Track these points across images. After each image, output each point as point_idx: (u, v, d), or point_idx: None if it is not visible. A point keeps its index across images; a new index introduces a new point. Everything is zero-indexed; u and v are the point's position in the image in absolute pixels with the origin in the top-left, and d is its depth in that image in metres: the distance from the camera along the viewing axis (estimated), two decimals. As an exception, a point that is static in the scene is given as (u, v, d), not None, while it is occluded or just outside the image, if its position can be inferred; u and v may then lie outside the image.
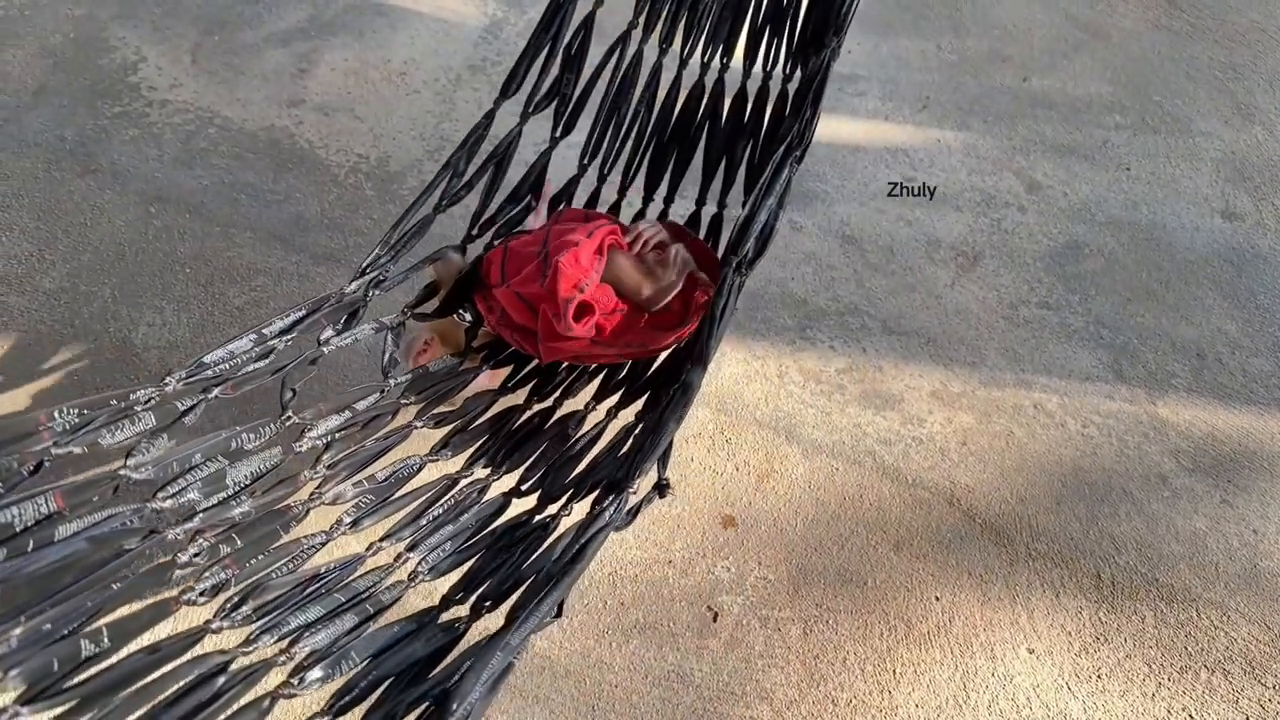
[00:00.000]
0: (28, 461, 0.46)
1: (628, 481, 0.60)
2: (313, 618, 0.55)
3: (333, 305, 0.72)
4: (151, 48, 1.35)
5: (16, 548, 0.43)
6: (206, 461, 0.56)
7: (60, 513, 0.46)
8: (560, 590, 0.52)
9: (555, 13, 0.84)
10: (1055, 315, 1.13)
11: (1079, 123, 1.33)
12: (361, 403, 0.68)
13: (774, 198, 0.74)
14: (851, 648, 0.88)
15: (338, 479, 0.65)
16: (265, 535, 0.58)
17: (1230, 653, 0.89)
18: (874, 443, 1.01)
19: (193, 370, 0.59)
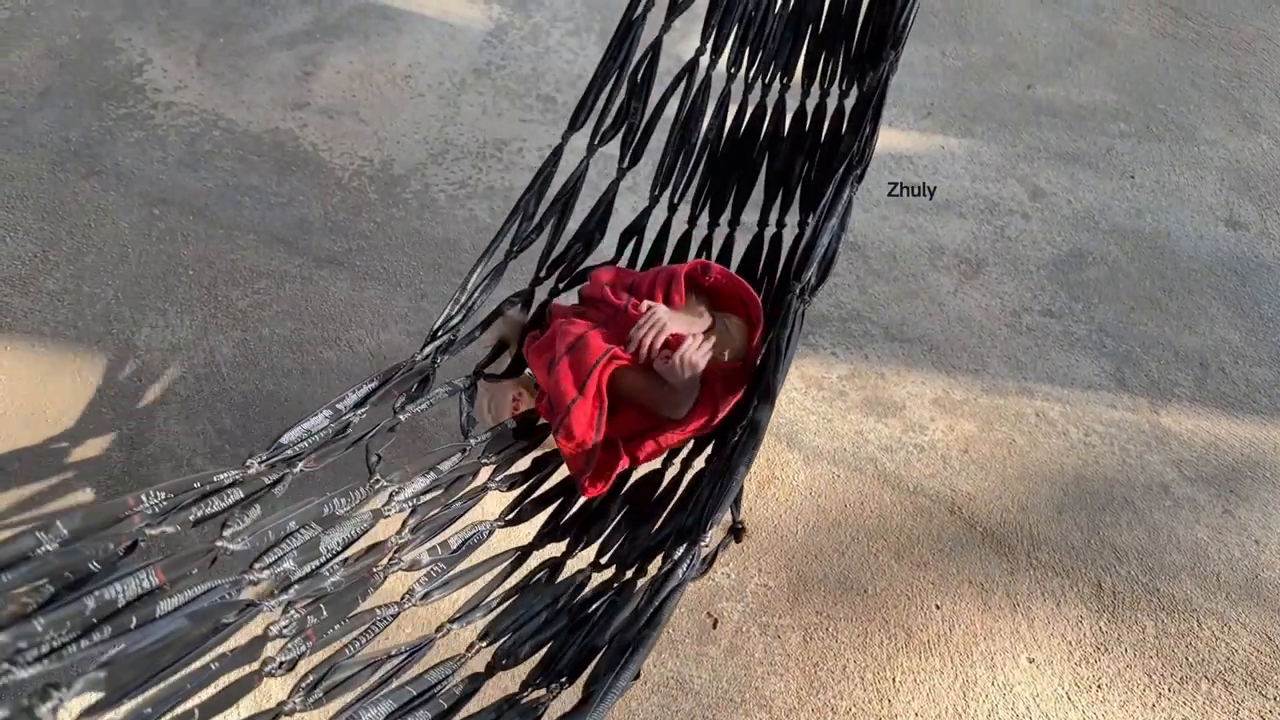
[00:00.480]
0: (122, 542, 0.46)
1: (700, 532, 0.58)
2: (385, 713, 0.55)
3: (403, 374, 0.71)
4: (157, 50, 1.35)
5: (121, 625, 0.43)
6: (301, 529, 0.55)
7: (161, 587, 0.46)
8: (640, 658, 0.51)
9: (624, 38, 0.81)
10: (1058, 323, 1.12)
11: (1083, 130, 1.33)
12: (445, 464, 0.67)
13: (835, 219, 0.71)
14: (851, 655, 0.87)
15: (416, 543, 0.64)
16: (347, 604, 0.57)
17: (1231, 664, 0.88)
18: (875, 450, 1.01)
19: (272, 451, 0.59)
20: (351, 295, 1.10)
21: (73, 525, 0.44)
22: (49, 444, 0.96)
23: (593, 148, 0.84)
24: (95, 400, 1.00)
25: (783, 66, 0.95)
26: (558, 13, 1.45)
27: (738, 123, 0.95)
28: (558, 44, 1.40)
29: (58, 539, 0.44)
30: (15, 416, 0.98)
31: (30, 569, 0.42)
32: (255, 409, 1.00)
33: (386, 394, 0.70)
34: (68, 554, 0.43)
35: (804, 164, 0.94)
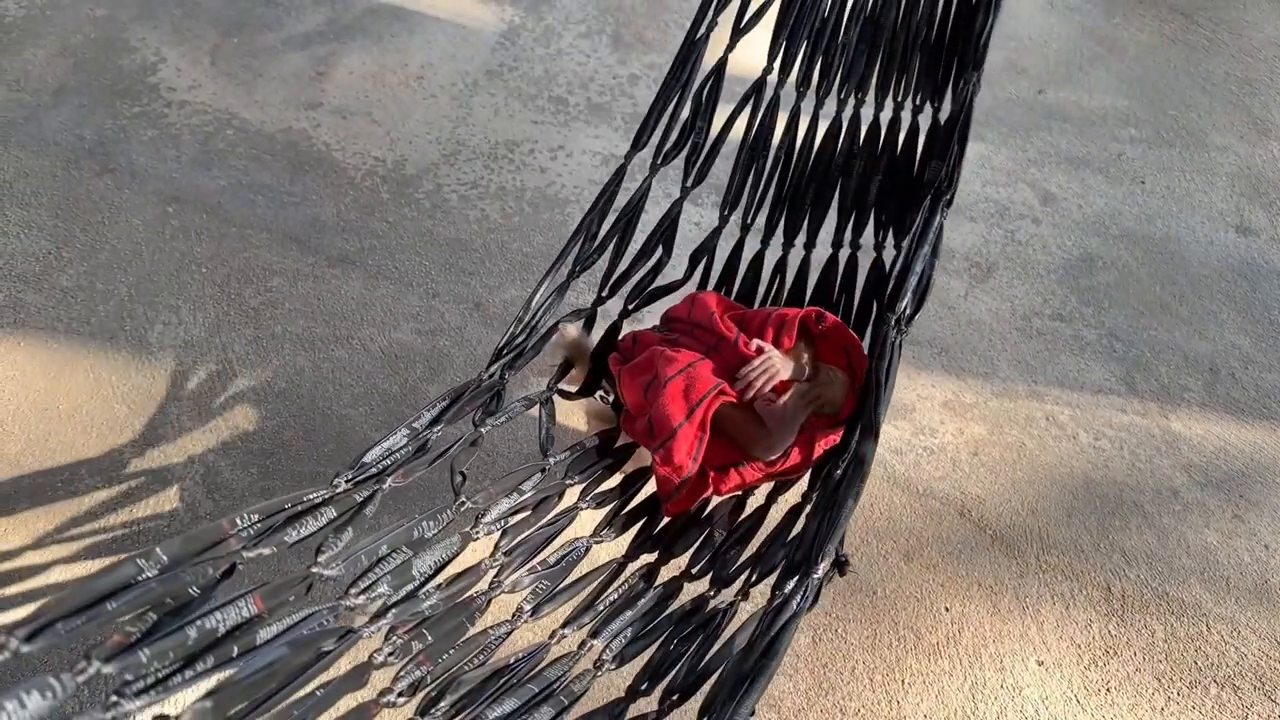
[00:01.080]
0: (221, 566, 0.47)
1: (812, 565, 0.58)
2: (509, 710, 0.56)
3: (474, 391, 0.71)
4: (171, 49, 1.36)
5: (223, 654, 0.44)
6: (393, 553, 0.56)
7: (260, 615, 0.46)
8: (757, 691, 0.51)
9: (686, 58, 0.80)
10: (1068, 327, 1.13)
11: (1094, 135, 1.33)
12: (527, 483, 0.68)
13: (928, 246, 0.70)
14: (860, 657, 0.88)
15: (514, 566, 0.65)
16: (454, 629, 0.58)
17: (1240, 668, 0.88)
18: (885, 452, 1.01)
19: (356, 471, 0.59)
20: (363, 294, 1.10)
21: (172, 551, 0.45)
22: (62, 440, 0.97)
23: (655, 166, 0.83)
24: (108, 396, 1.00)
25: (856, 83, 0.93)
26: (570, 15, 1.45)
27: (809, 141, 0.93)
28: (570, 46, 1.41)
29: (157, 565, 0.44)
30: (29, 412, 0.98)
31: (133, 597, 0.42)
32: (267, 406, 1.00)
33: (460, 411, 0.70)
34: (168, 580, 0.44)
35: (880, 182, 0.92)
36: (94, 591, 0.41)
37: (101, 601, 0.41)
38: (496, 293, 1.11)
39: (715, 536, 0.75)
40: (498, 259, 1.15)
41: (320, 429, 0.98)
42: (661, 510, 0.77)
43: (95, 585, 0.41)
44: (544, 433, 0.75)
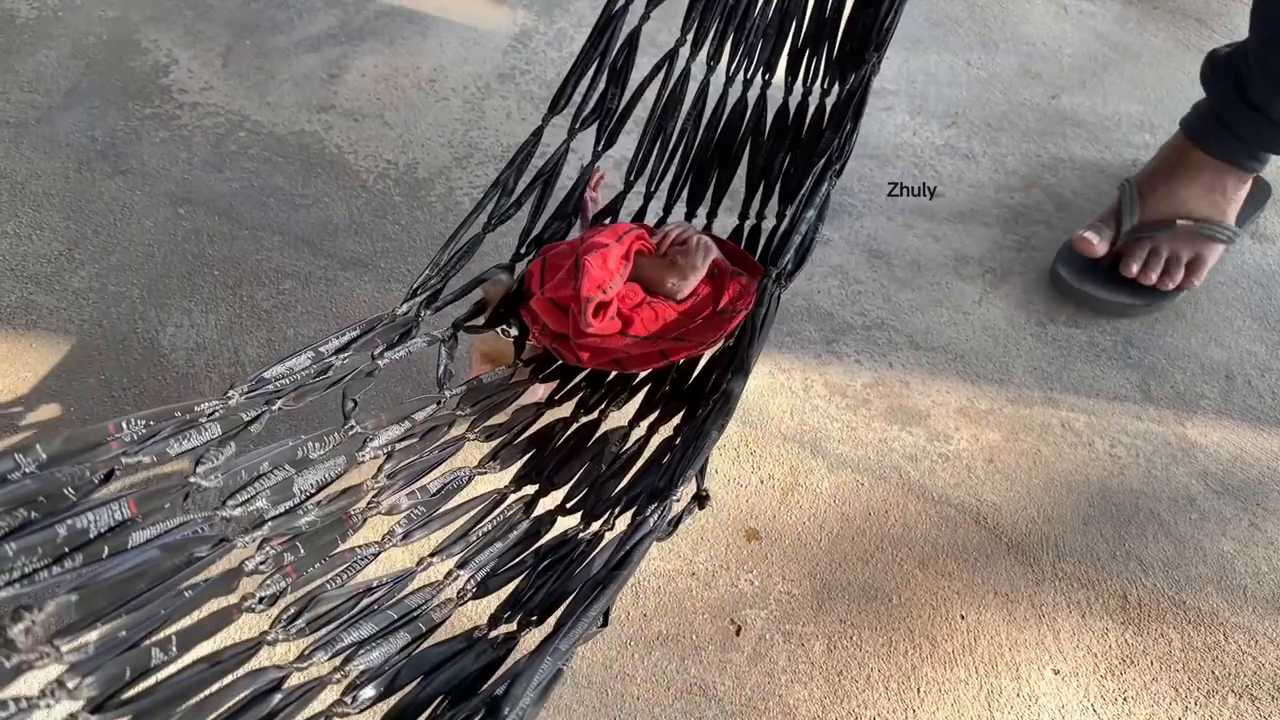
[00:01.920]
0: (99, 470, 0.46)
1: (671, 489, 0.59)
2: (366, 635, 0.55)
3: (386, 325, 0.72)
4: (183, 50, 1.36)
5: (92, 554, 0.43)
6: (274, 470, 0.55)
7: (133, 519, 0.45)
8: (606, 597, 0.52)
9: (605, 29, 0.84)
10: (1083, 333, 1.12)
11: (1108, 141, 1.33)
12: (420, 413, 0.68)
13: (813, 210, 0.73)
14: (875, 664, 0.87)
15: (394, 489, 0.65)
16: (326, 544, 0.58)
17: (1258, 678, 0.88)
18: (900, 458, 1.00)
19: (254, 385, 0.59)
20: (375, 297, 1.10)
21: (51, 449, 0.44)
22: (74, 441, 0.97)
23: (573, 131, 0.87)
24: (119, 399, 1.00)
25: (765, 63, 0.98)
26: (582, 18, 1.45)
27: (717, 115, 0.97)
28: (582, 49, 1.40)
29: (35, 461, 0.43)
30: (39, 416, 0.98)
31: (7, 493, 0.42)
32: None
33: (368, 341, 0.71)
34: (43, 479, 0.43)
35: (785, 159, 0.96)
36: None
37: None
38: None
39: (596, 469, 0.77)
40: (510, 262, 1.14)
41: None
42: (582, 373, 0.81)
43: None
44: (442, 369, 0.76)
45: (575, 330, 0.81)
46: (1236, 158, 1.08)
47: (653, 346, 0.82)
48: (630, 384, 0.86)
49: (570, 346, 0.82)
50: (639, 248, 0.84)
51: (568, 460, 0.76)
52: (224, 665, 0.49)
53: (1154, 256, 1.09)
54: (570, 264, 0.81)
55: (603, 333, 0.80)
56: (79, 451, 0.46)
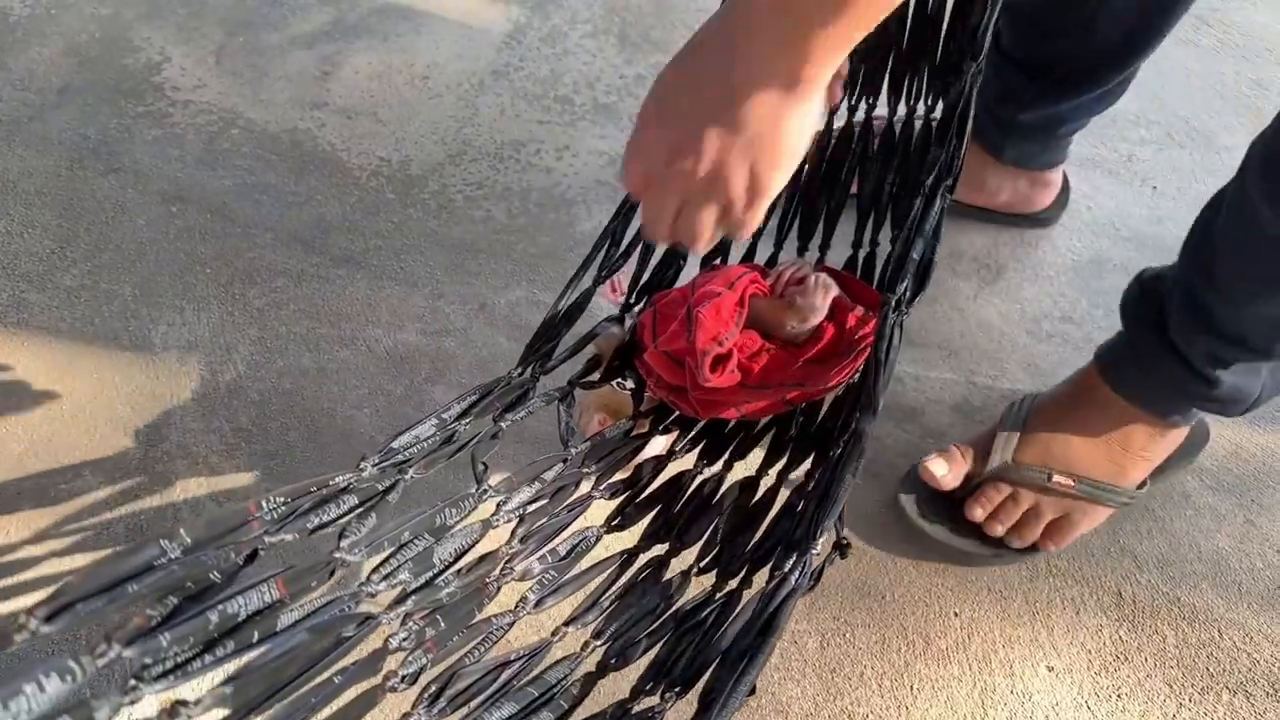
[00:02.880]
0: (243, 551, 0.46)
1: (810, 541, 0.57)
2: (508, 714, 0.55)
3: (503, 388, 0.71)
4: (176, 48, 1.35)
5: (243, 639, 0.43)
6: (415, 540, 0.55)
7: (282, 600, 0.45)
8: (756, 667, 0.50)
9: None
10: (1078, 330, 1.12)
11: (1104, 137, 1.33)
12: (549, 473, 0.67)
13: (928, 229, 0.70)
14: (869, 662, 0.87)
15: (526, 553, 0.64)
16: (464, 615, 0.57)
17: (1253, 674, 0.88)
18: (894, 455, 1.00)
19: (384, 455, 0.58)
20: (369, 295, 1.10)
21: (195, 533, 0.44)
22: (65, 440, 0.96)
23: None
24: (111, 397, 1.00)
25: (869, 83, 0.93)
26: (576, 14, 1.45)
27: (823, 145, 0.93)
28: (576, 46, 1.40)
29: (180, 547, 0.43)
30: (32, 413, 0.98)
31: (154, 580, 0.41)
32: (272, 407, 1.00)
33: (488, 405, 0.70)
34: (190, 564, 0.43)
35: (895, 181, 0.92)
36: (115, 573, 0.40)
37: (123, 583, 0.40)
38: (502, 294, 1.10)
39: (726, 524, 0.75)
40: (503, 260, 1.14)
41: (325, 430, 0.98)
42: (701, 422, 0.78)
43: (117, 566, 0.40)
44: (564, 426, 0.74)
45: (693, 384, 0.78)
46: (1151, 405, 0.87)
47: (775, 395, 0.79)
48: (754, 430, 0.83)
49: (688, 400, 0.79)
50: (753, 291, 0.80)
51: (696, 518, 0.74)
52: None
53: (1008, 506, 0.90)
54: (683, 315, 0.78)
55: (722, 385, 0.77)
56: (222, 534, 0.46)
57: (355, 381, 1.02)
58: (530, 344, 0.78)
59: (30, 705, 0.33)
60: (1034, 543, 0.91)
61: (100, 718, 0.36)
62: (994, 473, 0.91)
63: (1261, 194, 0.71)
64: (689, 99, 0.55)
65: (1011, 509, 0.90)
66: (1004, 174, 1.16)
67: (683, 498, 0.77)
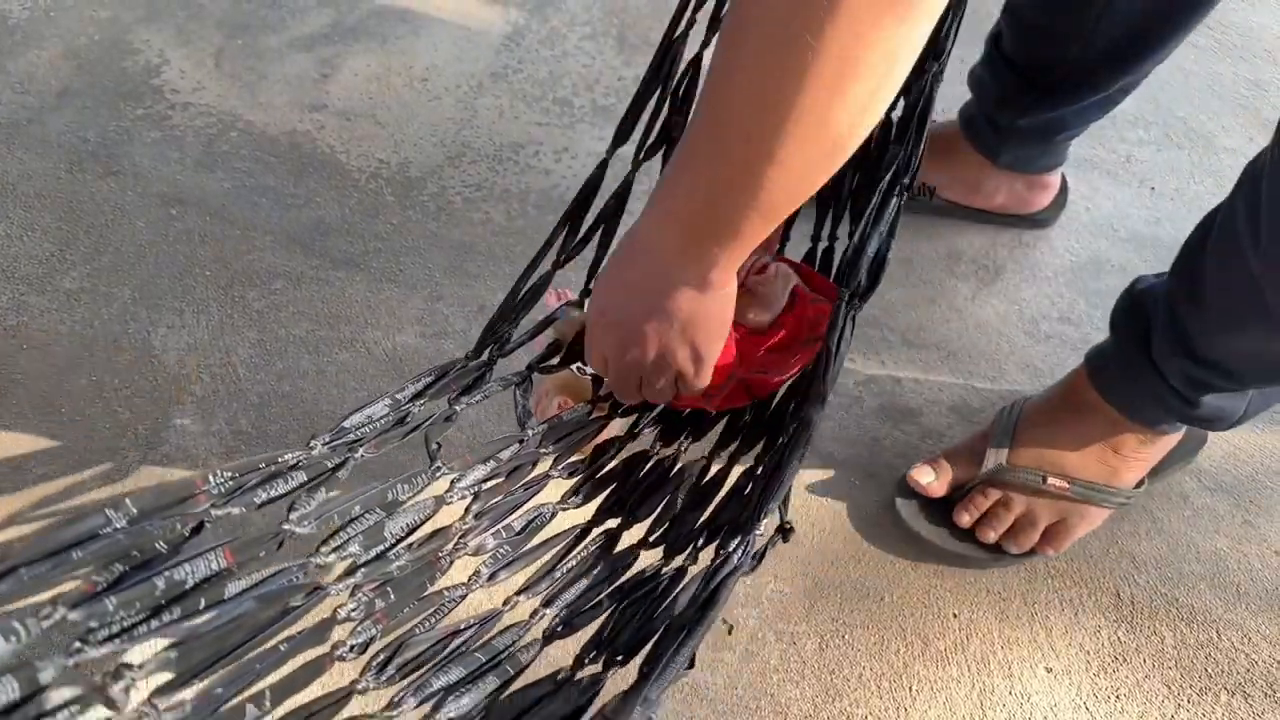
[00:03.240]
0: (189, 523, 0.46)
1: (754, 523, 0.58)
2: (455, 679, 0.55)
3: (459, 371, 0.71)
4: (175, 51, 1.36)
5: (189, 606, 0.43)
6: (366, 514, 0.55)
7: (229, 569, 0.46)
8: (694, 639, 0.51)
9: (666, 54, 0.81)
10: (1076, 330, 1.12)
11: (1102, 138, 1.33)
12: (504, 453, 0.67)
13: (884, 224, 0.72)
14: (868, 663, 0.87)
15: (480, 529, 0.64)
16: (415, 588, 0.58)
17: (1251, 675, 0.88)
18: (892, 456, 1.00)
19: (335, 434, 0.58)
20: (368, 297, 1.10)
21: (141, 504, 0.44)
22: (64, 442, 0.96)
23: (638, 162, 0.82)
24: (110, 399, 1.00)
25: None
26: (575, 17, 1.45)
27: None
28: (574, 48, 1.40)
29: (126, 516, 0.43)
30: (31, 416, 0.98)
31: (99, 548, 0.42)
32: (271, 409, 1.00)
33: (443, 388, 0.70)
34: (135, 533, 0.43)
35: (853, 177, 0.93)
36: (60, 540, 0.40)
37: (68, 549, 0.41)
38: (501, 295, 1.10)
39: (677, 501, 0.75)
40: (502, 262, 1.14)
41: (324, 432, 0.98)
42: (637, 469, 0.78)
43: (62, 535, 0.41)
44: (520, 408, 0.74)
45: None
46: (1138, 415, 0.87)
47: (734, 383, 0.79)
48: (709, 417, 0.84)
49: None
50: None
51: (649, 494, 0.75)
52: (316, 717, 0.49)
53: (999, 511, 0.90)
54: None
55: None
56: (168, 505, 0.46)
57: (354, 384, 1.02)
58: (487, 327, 0.78)
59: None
60: (1029, 550, 0.91)
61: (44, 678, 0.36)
62: (987, 476, 0.91)
63: (1247, 229, 0.70)
64: (625, 299, 0.64)
65: (1003, 514, 0.90)
66: (1000, 177, 1.16)
67: (637, 475, 0.77)
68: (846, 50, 0.43)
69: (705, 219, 0.55)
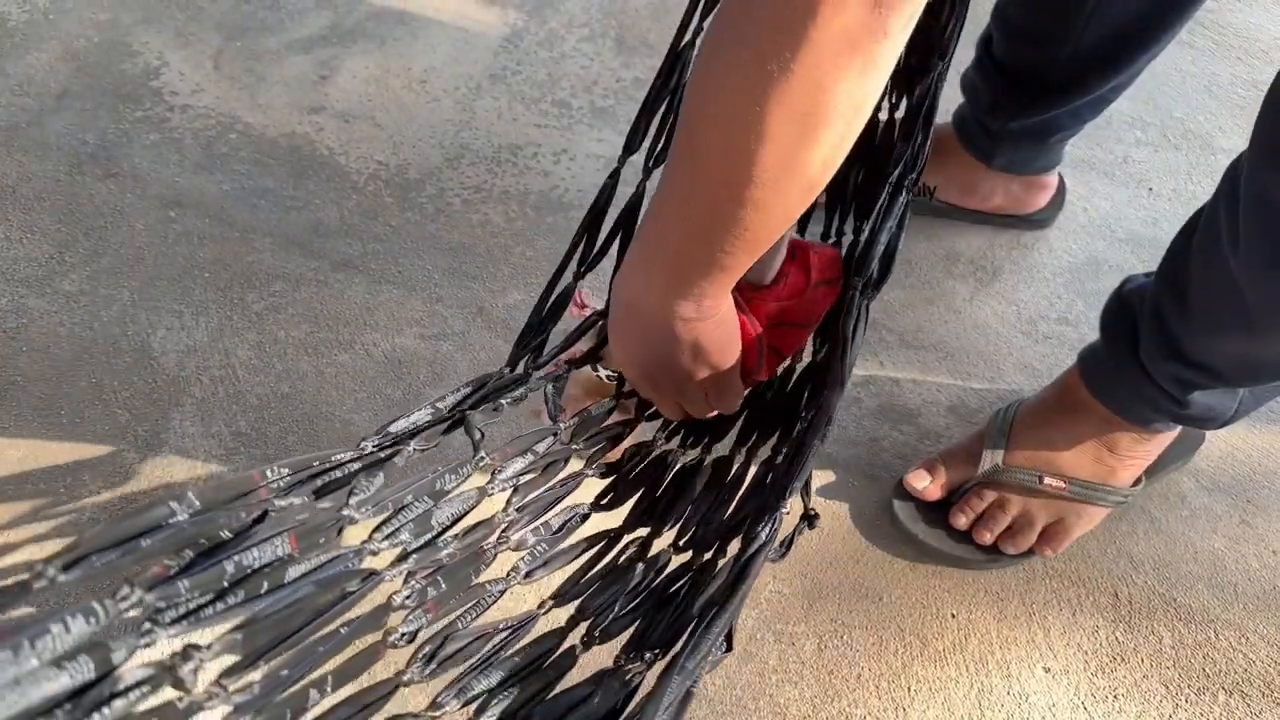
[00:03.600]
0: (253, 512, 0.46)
1: (779, 504, 0.59)
2: (495, 683, 0.56)
3: (497, 381, 0.72)
4: (174, 53, 1.36)
5: (252, 589, 0.44)
6: (415, 502, 0.56)
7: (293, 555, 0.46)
8: (727, 614, 0.52)
9: (674, 63, 0.81)
10: (1074, 331, 1.12)
11: (1099, 138, 1.33)
12: (540, 445, 0.68)
13: (893, 220, 0.72)
14: (866, 664, 0.87)
15: (521, 523, 0.65)
16: (463, 578, 0.59)
17: (1249, 675, 0.88)
18: (890, 457, 1.00)
19: (382, 437, 0.59)
20: (367, 299, 1.10)
21: (204, 496, 0.44)
22: (64, 445, 0.97)
23: (648, 170, 0.82)
24: (110, 402, 1.00)
25: None
26: (573, 18, 1.45)
27: None
28: (573, 50, 1.40)
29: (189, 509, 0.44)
30: (31, 418, 0.98)
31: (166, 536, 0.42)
32: (270, 411, 1.00)
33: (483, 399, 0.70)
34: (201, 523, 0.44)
35: (859, 173, 0.93)
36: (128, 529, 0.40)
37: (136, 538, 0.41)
38: (500, 297, 1.11)
39: (701, 504, 0.76)
40: (501, 263, 1.14)
41: (323, 433, 0.98)
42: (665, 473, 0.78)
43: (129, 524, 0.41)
44: (551, 404, 0.74)
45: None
46: (1130, 415, 0.86)
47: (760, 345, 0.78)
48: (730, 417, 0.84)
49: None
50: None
51: (676, 500, 0.76)
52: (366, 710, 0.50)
53: (995, 512, 0.90)
54: None
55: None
56: (230, 499, 0.46)
57: (353, 385, 1.02)
58: (519, 340, 0.78)
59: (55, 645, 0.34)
60: (1027, 551, 0.92)
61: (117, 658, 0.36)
62: (983, 478, 0.91)
63: (1227, 230, 0.71)
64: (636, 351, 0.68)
65: (999, 515, 0.90)
66: (996, 179, 1.16)
67: (663, 480, 0.78)
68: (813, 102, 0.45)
69: (689, 260, 0.57)
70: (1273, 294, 0.68)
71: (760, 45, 0.43)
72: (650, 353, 0.67)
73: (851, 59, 0.43)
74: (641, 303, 0.63)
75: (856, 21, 0.42)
